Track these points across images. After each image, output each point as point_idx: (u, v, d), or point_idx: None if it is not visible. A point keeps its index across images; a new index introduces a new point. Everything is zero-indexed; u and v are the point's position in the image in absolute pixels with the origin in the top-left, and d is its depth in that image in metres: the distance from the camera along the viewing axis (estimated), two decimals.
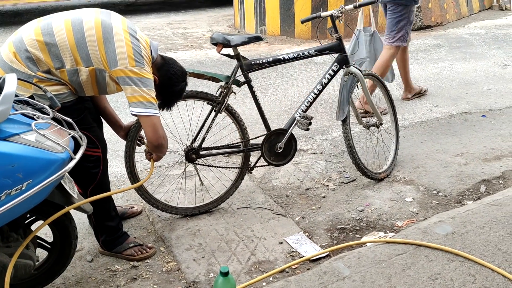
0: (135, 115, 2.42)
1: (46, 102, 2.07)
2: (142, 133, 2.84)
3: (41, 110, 1.99)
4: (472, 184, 3.41)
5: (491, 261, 2.36)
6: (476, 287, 2.20)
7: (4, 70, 2.25)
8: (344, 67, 3.29)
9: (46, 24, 2.28)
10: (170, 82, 2.58)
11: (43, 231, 2.31)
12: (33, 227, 2.23)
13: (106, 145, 2.63)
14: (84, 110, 2.47)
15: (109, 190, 2.69)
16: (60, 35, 2.26)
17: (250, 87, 3.04)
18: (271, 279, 2.51)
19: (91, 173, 2.53)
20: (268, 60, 3.06)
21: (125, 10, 10.72)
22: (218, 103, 2.95)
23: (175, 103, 2.71)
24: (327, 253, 2.68)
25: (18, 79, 1.95)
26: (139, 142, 2.88)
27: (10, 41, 2.30)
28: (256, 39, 3.01)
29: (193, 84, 3.90)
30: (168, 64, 2.59)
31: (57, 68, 2.27)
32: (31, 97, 2.21)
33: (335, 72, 3.26)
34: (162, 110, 2.68)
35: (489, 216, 2.73)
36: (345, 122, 3.27)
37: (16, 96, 2.14)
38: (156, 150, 2.60)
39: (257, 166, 3.20)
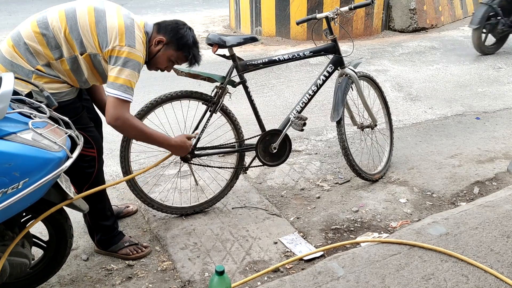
0: (109, 95, 2.34)
1: (44, 99, 2.08)
2: None
3: (37, 109, 1.99)
4: (466, 186, 3.44)
5: (484, 262, 2.38)
6: (469, 287, 2.23)
7: (4, 66, 2.28)
8: (339, 68, 3.31)
9: (42, 17, 2.32)
10: (174, 32, 2.53)
11: (39, 229, 2.32)
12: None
13: (102, 145, 2.63)
14: (81, 110, 2.48)
15: (104, 190, 2.70)
16: (55, 24, 2.28)
17: (245, 88, 3.05)
18: (265, 278, 2.53)
19: (86, 173, 2.53)
20: (264, 61, 3.07)
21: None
22: (213, 103, 2.96)
23: (198, 54, 2.62)
24: (322, 253, 2.70)
25: (16, 78, 1.95)
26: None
27: (8, 37, 2.34)
28: (252, 40, 3.02)
29: (188, 84, 3.90)
30: (161, 22, 2.58)
31: (57, 59, 2.30)
32: (30, 93, 2.22)
33: (330, 74, 3.27)
34: (192, 66, 2.65)
35: (482, 217, 2.75)
36: (339, 123, 3.28)
37: (15, 92, 2.15)
38: (117, 129, 2.46)
39: (252, 166, 3.21)
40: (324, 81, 3.26)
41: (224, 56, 3.00)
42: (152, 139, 2.57)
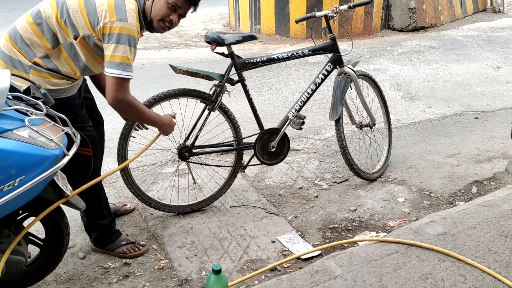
0: (108, 75, 2.31)
1: (41, 96, 2.07)
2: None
3: (34, 106, 1.98)
4: (464, 185, 3.44)
5: (482, 262, 2.37)
6: (466, 287, 2.22)
7: (4, 61, 2.27)
8: (338, 67, 3.30)
9: (34, 9, 2.32)
10: None
11: (35, 227, 2.31)
12: (25, 223, 2.22)
13: (98, 144, 2.61)
14: (80, 108, 2.47)
15: (101, 189, 2.69)
16: (47, 12, 2.28)
17: (244, 86, 3.04)
18: (263, 277, 2.52)
19: (82, 172, 2.51)
20: (262, 59, 3.06)
21: None
22: (211, 102, 2.95)
23: None
24: (319, 252, 2.69)
25: (13, 75, 1.94)
26: (137, 128, 2.89)
27: (5, 32, 2.34)
28: (251, 38, 3.00)
29: (187, 82, 3.90)
30: None
31: (54, 47, 2.28)
32: (28, 88, 2.21)
33: (329, 72, 3.27)
34: (195, 7, 2.55)
35: (480, 217, 2.74)
36: (338, 122, 3.28)
37: (14, 88, 2.14)
38: (118, 110, 2.48)
39: (250, 165, 3.20)
40: (323, 80, 3.25)
41: (222, 54, 2.98)
42: (149, 119, 2.60)
